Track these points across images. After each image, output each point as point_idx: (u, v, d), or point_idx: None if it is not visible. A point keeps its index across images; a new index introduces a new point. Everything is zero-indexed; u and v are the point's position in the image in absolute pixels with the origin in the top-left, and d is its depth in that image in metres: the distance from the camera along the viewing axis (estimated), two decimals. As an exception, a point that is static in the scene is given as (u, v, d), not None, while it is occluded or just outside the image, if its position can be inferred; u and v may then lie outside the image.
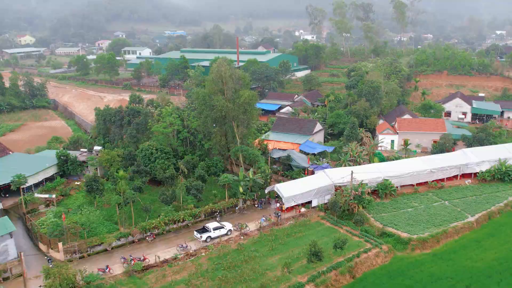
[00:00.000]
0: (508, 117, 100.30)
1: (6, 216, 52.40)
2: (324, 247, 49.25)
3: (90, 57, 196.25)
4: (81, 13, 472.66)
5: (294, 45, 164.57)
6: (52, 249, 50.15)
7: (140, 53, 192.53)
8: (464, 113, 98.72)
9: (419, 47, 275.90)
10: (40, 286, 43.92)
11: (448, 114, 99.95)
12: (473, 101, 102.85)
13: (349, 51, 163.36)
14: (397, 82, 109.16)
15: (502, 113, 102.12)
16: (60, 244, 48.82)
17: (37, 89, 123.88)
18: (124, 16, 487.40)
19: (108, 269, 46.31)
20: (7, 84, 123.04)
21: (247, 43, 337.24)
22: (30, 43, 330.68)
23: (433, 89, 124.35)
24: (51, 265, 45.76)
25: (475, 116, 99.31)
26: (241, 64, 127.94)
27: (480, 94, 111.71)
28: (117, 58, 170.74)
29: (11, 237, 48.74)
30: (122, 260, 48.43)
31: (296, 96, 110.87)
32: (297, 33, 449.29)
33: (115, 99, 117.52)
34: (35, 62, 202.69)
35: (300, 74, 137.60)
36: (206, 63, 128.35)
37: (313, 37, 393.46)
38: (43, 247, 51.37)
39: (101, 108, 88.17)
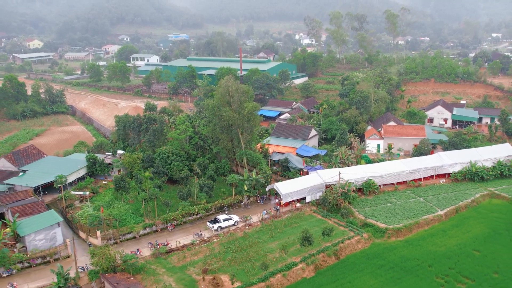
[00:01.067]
0: (486, 123, 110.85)
1: (52, 210, 63.34)
2: (314, 234, 60.06)
3: (101, 63, 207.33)
4: (85, 17, 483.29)
5: (293, 54, 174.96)
6: (90, 236, 61.03)
7: (148, 60, 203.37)
8: (445, 119, 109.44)
9: (413, 52, 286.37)
10: (86, 264, 54.86)
11: (431, 120, 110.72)
12: (454, 108, 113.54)
13: (345, 58, 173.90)
14: (387, 90, 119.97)
15: (480, 119, 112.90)
16: (98, 232, 59.68)
17: (56, 96, 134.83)
18: (128, 20, 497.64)
19: (139, 252, 57.16)
20: (29, 92, 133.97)
21: (249, 47, 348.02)
22: (39, 47, 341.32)
23: (421, 96, 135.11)
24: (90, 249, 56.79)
25: (455, 122, 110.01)
26: (244, 72, 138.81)
27: (462, 101, 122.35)
28: (128, 64, 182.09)
29: (59, 226, 59.71)
30: (149, 245, 59.32)
31: (294, 103, 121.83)
32: (297, 36, 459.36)
33: (129, 105, 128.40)
34: (49, 68, 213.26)
35: (298, 81, 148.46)
36: (212, 72, 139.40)
37: (312, 41, 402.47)
38: (82, 235, 62.26)
39: (118, 115, 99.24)
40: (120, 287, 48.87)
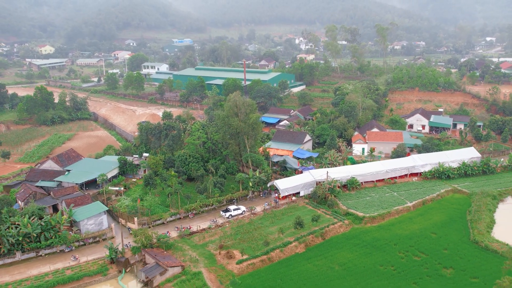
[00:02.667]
0: (460, 128, 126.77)
1: (98, 201, 79.64)
2: (306, 220, 76.12)
3: (114, 71, 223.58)
4: (93, 22, 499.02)
5: (292, 64, 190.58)
6: (129, 222, 77.21)
7: (158, 68, 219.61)
8: (423, 126, 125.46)
9: (405, 59, 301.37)
10: (128, 242, 71.04)
11: (411, 126, 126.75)
12: (432, 115, 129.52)
13: (339, 68, 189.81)
14: (374, 99, 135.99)
15: (455, 125, 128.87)
16: (135, 219, 75.88)
17: (80, 103, 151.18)
18: (133, 25, 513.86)
19: (168, 233, 73.34)
20: (54, 99, 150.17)
21: (251, 52, 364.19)
22: (50, 53, 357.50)
23: (405, 103, 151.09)
24: (130, 232, 73.16)
25: (432, 128, 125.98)
26: (248, 82, 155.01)
27: (440, 109, 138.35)
28: (141, 72, 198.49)
29: (104, 214, 75.97)
30: (175, 228, 75.51)
31: (292, 111, 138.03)
32: (297, 41, 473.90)
33: (146, 113, 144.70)
34: (66, 75, 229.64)
35: (296, 89, 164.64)
36: (219, 82, 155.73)
37: (311, 46, 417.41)
38: (122, 221, 78.43)
39: (141, 123, 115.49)
40: (158, 257, 65.07)
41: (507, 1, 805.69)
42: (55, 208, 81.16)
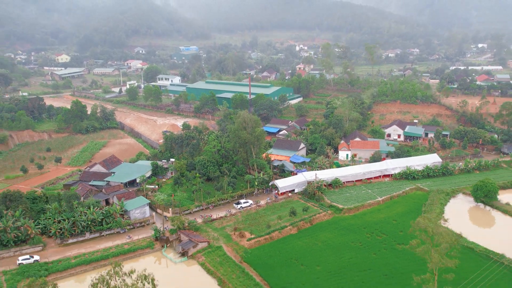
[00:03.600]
0: (431, 137, 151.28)
1: (141, 196, 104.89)
2: (298, 211, 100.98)
3: (130, 82, 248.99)
4: (103, 29, 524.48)
5: (291, 78, 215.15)
6: (164, 212, 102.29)
7: (172, 80, 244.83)
8: (399, 135, 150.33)
9: (394, 70, 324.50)
10: (166, 226, 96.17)
11: (389, 135, 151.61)
12: (408, 126, 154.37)
13: (332, 81, 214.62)
14: (360, 111, 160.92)
15: (427, 134, 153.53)
16: (170, 209, 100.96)
17: (109, 114, 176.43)
18: (142, 32, 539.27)
19: (195, 220, 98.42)
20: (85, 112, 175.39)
21: (253, 61, 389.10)
22: (66, 61, 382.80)
23: (388, 114, 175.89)
24: (167, 219, 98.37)
25: (407, 137, 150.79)
26: (252, 96, 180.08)
27: (415, 120, 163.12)
28: (154, 84, 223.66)
29: (147, 205, 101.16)
30: (200, 216, 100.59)
31: (290, 122, 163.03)
32: (297, 48, 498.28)
33: (165, 123, 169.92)
34: (88, 86, 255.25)
35: (294, 101, 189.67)
36: (228, 95, 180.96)
37: (310, 54, 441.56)
38: (159, 211, 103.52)
39: (159, 130, 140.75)
40: (190, 236, 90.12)
41: (502, 6, 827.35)
42: (107, 202, 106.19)
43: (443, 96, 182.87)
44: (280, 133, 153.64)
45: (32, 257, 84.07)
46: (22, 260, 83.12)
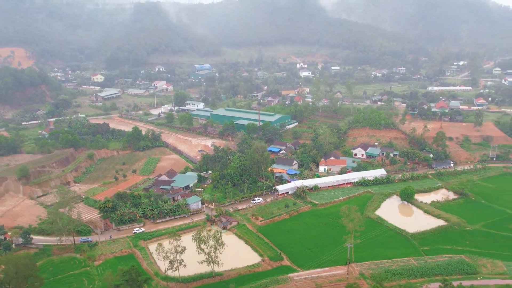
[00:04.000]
0: (386, 156, 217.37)
1: (195, 195, 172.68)
2: (290, 204, 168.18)
3: (164, 107, 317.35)
4: (126, 48, 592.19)
5: (290, 107, 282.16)
6: (209, 204, 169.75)
7: (197, 106, 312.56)
8: (362, 154, 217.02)
9: (379, 94, 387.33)
10: (212, 213, 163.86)
11: (356, 154, 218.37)
12: (369, 147, 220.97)
13: (321, 108, 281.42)
14: (337, 135, 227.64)
15: (383, 153, 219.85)
16: (213, 203, 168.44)
17: (157, 136, 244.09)
18: (160, 50, 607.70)
19: (228, 209, 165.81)
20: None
21: (260, 81, 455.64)
22: (101, 81, 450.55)
23: (359, 137, 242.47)
24: (212, 209, 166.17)
25: (368, 156, 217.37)
26: (261, 123, 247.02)
27: (375, 143, 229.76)
28: (184, 108, 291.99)
29: (199, 201, 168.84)
30: (231, 208, 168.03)
31: (288, 143, 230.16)
32: (298, 66, 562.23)
33: (198, 143, 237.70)
34: (132, 110, 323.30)
35: (291, 126, 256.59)
36: (244, 122, 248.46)
37: (309, 73, 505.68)
38: (206, 204, 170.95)
39: (196, 149, 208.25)
40: (227, 218, 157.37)
41: (491, 21, 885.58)
42: (173, 199, 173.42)
43: (400, 123, 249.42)
44: (280, 152, 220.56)
45: (140, 229, 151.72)
46: (136, 230, 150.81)
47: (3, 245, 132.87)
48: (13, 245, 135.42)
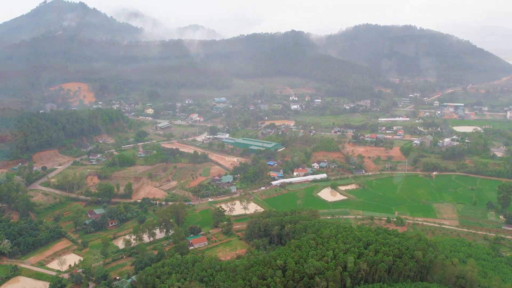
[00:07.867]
0: (328, 167, 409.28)
1: (233, 185, 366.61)
2: (278, 190, 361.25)
3: (203, 135, 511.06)
4: (161, 84, 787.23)
5: (280, 138, 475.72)
6: (239, 190, 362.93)
7: (226, 135, 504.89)
8: (317, 166, 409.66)
9: (341, 126, 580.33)
10: (242, 193, 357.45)
11: (314, 166, 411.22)
12: (321, 162, 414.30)
13: (299, 139, 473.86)
14: (307, 156, 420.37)
15: (328, 165, 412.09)
16: (242, 190, 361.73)
17: (206, 155, 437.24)
18: (187, 85, 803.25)
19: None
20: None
21: (263, 113, 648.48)
22: (151, 113, 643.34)
23: (318, 156, 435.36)
24: (242, 192, 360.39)
25: (320, 167, 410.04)
26: (264, 148, 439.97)
27: (325, 160, 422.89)
28: (216, 137, 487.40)
29: (236, 188, 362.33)
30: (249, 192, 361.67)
31: (278, 160, 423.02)
32: (290, 98, 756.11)
33: (230, 159, 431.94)
34: (185, 137, 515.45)
35: (281, 149, 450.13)
36: (255, 147, 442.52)
37: (298, 106, 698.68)
38: (238, 189, 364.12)
39: (229, 163, 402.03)
40: (249, 196, 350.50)
41: (453, 55, 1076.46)
42: (223, 188, 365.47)
43: (342, 148, 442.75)
44: (274, 165, 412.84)
45: (212, 199, 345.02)
46: (210, 200, 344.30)
47: (158, 205, 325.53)
48: (158, 205, 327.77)
